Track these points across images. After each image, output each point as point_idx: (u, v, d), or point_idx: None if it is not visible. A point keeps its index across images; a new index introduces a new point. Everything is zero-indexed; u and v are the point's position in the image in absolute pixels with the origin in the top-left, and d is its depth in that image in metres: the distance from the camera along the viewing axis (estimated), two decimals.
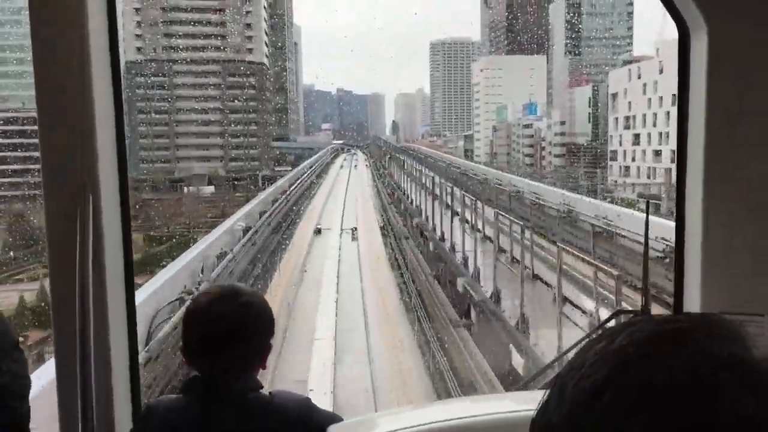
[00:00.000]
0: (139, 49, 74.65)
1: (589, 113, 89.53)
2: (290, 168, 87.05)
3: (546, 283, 20.31)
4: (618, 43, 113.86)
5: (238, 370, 1.97)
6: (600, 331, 0.68)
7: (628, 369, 0.63)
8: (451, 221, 30.03)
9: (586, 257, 19.99)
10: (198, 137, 77.95)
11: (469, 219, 27.72)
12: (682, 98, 2.11)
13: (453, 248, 28.00)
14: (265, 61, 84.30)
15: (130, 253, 2.25)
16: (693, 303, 2.07)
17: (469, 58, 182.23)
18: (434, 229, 32.41)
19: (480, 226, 26.48)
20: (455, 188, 35.67)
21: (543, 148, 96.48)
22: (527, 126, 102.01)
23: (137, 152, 73.42)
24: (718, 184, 2.00)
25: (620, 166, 75.59)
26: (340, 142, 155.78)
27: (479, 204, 28.19)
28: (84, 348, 1.92)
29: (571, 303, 18.37)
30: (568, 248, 20.93)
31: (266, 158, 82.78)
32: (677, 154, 2.16)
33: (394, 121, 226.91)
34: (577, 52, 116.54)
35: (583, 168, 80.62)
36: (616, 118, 78.51)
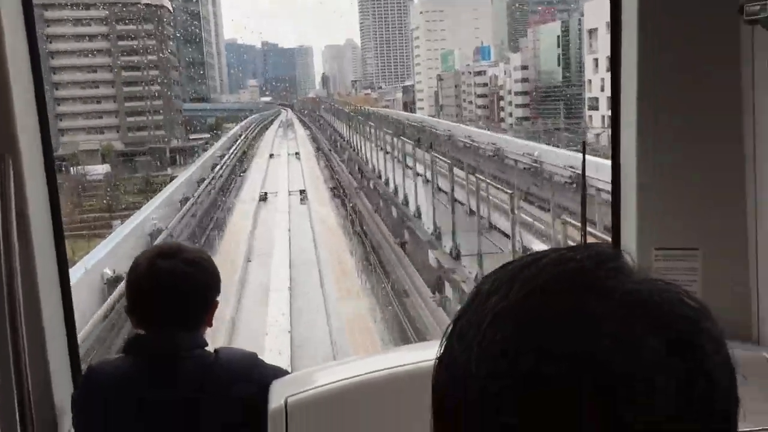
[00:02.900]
0: None
1: (559, 55, 75.36)
2: (208, 135, 70.93)
3: None
4: None
5: (182, 327, 1.93)
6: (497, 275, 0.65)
7: (527, 329, 0.61)
8: None
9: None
10: (85, 103, 60.23)
11: None
12: (615, 38, 2.10)
13: None
14: (167, 3, 66.68)
15: (59, 220, 2.20)
16: (630, 240, 2.08)
17: (402, 4, 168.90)
18: None
19: None
20: None
21: (501, 98, 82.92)
22: (480, 73, 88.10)
23: None
24: (651, 121, 1.99)
25: (603, 116, 62.62)
26: (268, 99, 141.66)
27: None
28: (14, 319, 1.85)
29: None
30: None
31: (176, 125, 65.77)
32: (611, 92, 2.12)
33: (324, 75, 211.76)
34: None
35: (556, 119, 66.92)
36: (596, 59, 64.81)
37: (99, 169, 52.04)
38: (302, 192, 38.48)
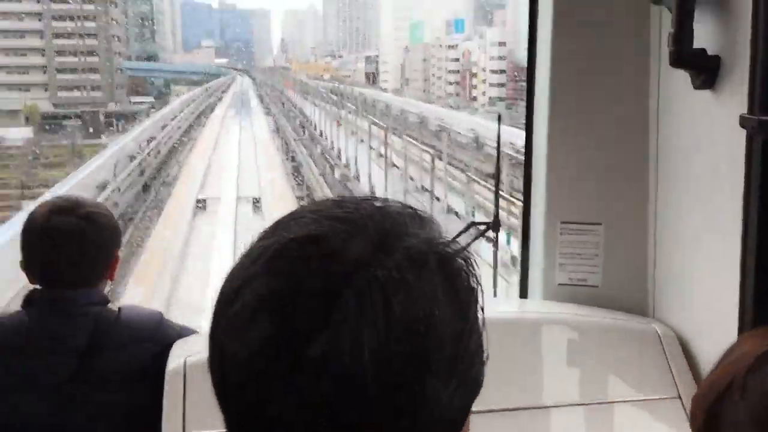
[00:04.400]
0: None
1: None
2: (153, 99, 64.73)
3: None
4: None
5: (81, 283, 1.91)
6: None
7: (256, 278, 0.64)
8: None
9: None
10: (7, 55, 53.28)
11: None
12: (533, 14, 2.19)
13: None
14: None
15: None
16: (538, 212, 2.19)
17: None
18: None
19: None
20: None
21: (474, 75, 78.43)
22: (452, 47, 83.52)
23: None
24: (562, 101, 2.08)
25: None
26: (223, 61, 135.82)
27: None
28: None
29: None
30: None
31: (115, 86, 59.00)
32: (527, 66, 2.23)
33: (282, 40, 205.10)
34: None
35: None
36: None
37: (17, 133, 44.49)
38: None
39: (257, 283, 0.63)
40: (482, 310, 0.68)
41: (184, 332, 2.01)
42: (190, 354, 1.80)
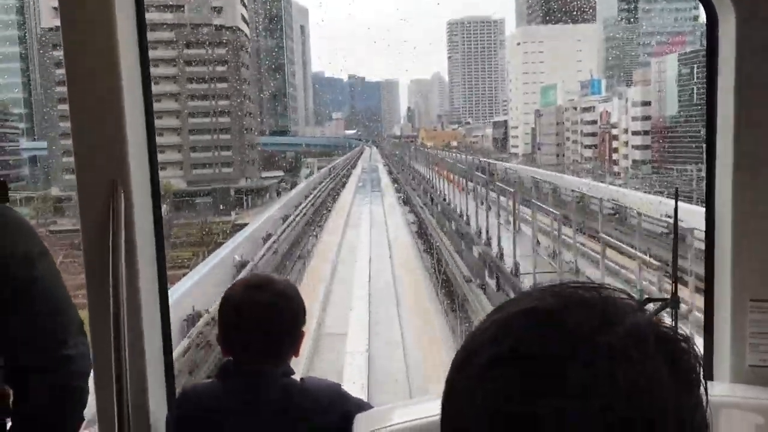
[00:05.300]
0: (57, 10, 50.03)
1: (694, 88, 64.24)
2: (282, 173, 63.77)
3: None
4: (680, 6, 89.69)
5: (271, 356, 2.04)
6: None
7: (484, 347, 0.69)
8: None
9: None
10: None
11: None
12: (711, 83, 2.15)
13: None
14: (243, 27, 60.25)
15: (162, 246, 2.30)
16: (724, 289, 2.11)
17: (492, 37, 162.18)
18: None
19: None
20: None
21: (614, 137, 72.70)
22: (587, 109, 78.40)
23: (59, 156, 49.76)
24: (747, 169, 2.04)
25: None
26: (353, 131, 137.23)
27: None
28: (118, 338, 1.98)
29: None
30: None
31: (246, 161, 58.54)
32: (706, 141, 2.19)
33: (409, 108, 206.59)
34: (633, 18, 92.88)
35: (699, 165, 55.75)
36: None
37: None
38: None
39: (484, 353, 0.68)
40: (705, 389, 0.70)
41: (361, 405, 2.12)
42: (373, 428, 1.87)
